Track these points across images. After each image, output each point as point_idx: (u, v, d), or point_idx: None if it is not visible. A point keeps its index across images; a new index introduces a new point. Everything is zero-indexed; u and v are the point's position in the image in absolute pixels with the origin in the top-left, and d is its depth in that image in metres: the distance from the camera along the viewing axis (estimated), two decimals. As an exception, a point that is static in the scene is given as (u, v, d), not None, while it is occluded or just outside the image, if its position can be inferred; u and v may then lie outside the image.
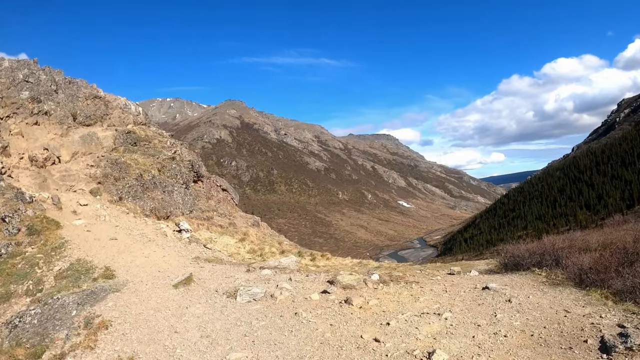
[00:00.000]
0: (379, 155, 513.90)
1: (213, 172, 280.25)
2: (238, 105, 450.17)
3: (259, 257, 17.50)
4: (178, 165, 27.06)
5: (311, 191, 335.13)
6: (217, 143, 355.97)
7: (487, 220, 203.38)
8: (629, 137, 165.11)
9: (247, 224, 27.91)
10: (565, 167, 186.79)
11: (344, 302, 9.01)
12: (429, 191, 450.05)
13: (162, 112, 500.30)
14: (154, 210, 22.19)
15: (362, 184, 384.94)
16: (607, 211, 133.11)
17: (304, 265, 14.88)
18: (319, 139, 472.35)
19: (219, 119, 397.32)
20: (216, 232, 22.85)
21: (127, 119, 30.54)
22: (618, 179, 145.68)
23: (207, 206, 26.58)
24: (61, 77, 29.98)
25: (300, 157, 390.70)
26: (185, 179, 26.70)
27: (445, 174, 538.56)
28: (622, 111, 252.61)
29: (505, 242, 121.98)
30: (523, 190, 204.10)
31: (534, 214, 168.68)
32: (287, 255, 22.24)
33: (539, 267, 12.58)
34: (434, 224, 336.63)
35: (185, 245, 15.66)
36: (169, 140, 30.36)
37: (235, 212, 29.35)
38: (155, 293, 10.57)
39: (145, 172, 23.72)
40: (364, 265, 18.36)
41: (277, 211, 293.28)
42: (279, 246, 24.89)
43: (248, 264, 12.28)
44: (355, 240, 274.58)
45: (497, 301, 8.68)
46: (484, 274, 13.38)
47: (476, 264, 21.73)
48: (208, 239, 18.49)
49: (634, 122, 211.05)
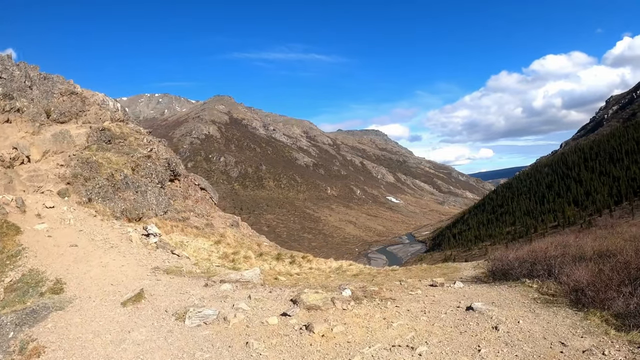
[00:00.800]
0: (368, 150, 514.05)
1: (201, 167, 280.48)
2: (227, 101, 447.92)
3: (230, 262, 16.39)
4: (154, 163, 25.83)
5: (300, 187, 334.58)
6: (205, 139, 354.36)
7: (476, 216, 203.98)
8: (617, 133, 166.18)
9: (225, 225, 26.75)
10: (554, 164, 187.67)
11: (304, 328, 7.86)
12: (417, 187, 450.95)
13: (150, 108, 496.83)
14: (125, 211, 20.97)
15: (351, 180, 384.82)
16: (595, 207, 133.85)
17: (272, 276, 13.74)
18: (307, 135, 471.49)
19: (207, 114, 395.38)
20: (191, 234, 21.70)
21: (104, 116, 29.29)
22: (606, 176, 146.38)
23: (184, 206, 25.40)
24: (36, 72, 28.66)
25: (289, 153, 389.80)
26: (161, 178, 25.49)
27: (434, 170, 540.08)
28: (610, 108, 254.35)
29: (494, 237, 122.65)
30: (511, 186, 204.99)
31: (522, 210, 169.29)
32: (265, 257, 21.14)
33: (529, 277, 11.57)
34: (423, 219, 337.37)
35: (150, 252, 14.48)
36: (146, 137, 29.07)
37: (213, 212, 28.17)
38: (101, 312, 9.42)
39: (117, 172, 22.47)
40: (342, 273, 17.26)
41: (266, 207, 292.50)
42: (258, 248, 23.76)
43: (208, 277, 11.10)
44: (344, 236, 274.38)
45: (482, 328, 7.57)
46: (470, 284, 12.31)
47: (463, 268, 20.69)
48: (179, 243, 17.33)
49: (622, 119, 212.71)
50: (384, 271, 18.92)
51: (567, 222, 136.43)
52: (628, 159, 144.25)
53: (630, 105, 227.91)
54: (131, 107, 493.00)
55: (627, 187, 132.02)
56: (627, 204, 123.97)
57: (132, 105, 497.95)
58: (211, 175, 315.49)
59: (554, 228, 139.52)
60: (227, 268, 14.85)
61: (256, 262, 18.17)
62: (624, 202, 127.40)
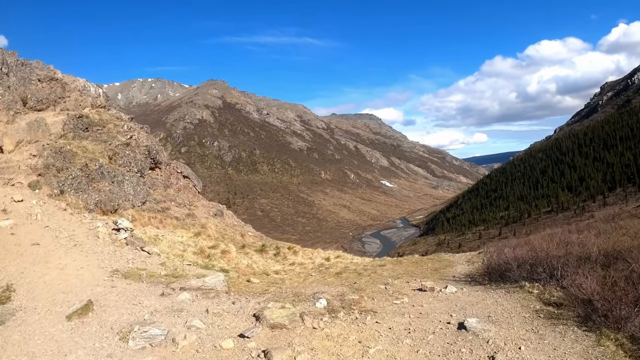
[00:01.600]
0: (362, 134, 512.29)
1: (195, 152, 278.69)
2: (220, 85, 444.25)
3: (205, 259, 15.21)
4: (133, 151, 24.50)
5: (294, 171, 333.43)
6: (198, 123, 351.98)
7: (470, 200, 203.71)
8: (612, 120, 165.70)
9: (208, 214, 25.53)
10: (548, 149, 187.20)
11: (262, 355, 6.65)
12: (411, 171, 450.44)
13: (143, 93, 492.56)
14: (100, 203, 19.73)
15: (345, 164, 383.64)
16: (589, 193, 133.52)
17: (245, 277, 12.57)
18: (301, 119, 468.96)
19: (200, 99, 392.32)
20: (170, 225, 20.50)
21: (85, 102, 27.88)
22: (600, 162, 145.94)
23: (165, 196, 24.17)
24: (14, 59, 27.12)
25: (283, 137, 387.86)
26: (141, 167, 24.21)
27: (428, 154, 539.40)
28: (605, 94, 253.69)
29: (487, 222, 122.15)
30: (505, 170, 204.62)
31: (516, 195, 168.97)
32: (247, 250, 19.97)
33: (529, 279, 10.50)
34: (417, 203, 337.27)
35: (117, 249, 13.28)
36: (127, 124, 27.68)
37: (197, 201, 26.94)
38: (42, 328, 8.25)
39: (92, 161, 21.16)
40: (325, 271, 16.05)
41: (260, 191, 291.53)
42: (241, 239, 22.61)
43: (168, 283, 9.88)
44: (338, 220, 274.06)
45: (475, 357, 6.44)
46: (464, 286, 11.19)
47: (456, 262, 19.58)
48: (152, 238, 16.13)
49: (616, 106, 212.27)
50: (371, 267, 17.78)
51: (561, 207, 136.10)
52: (622, 145, 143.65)
53: (625, 91, 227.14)
54: (124, 93, 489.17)
55: (621, 173, 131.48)
56: (620, 191, 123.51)
57: (124, 90, 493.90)
58: (205, 160, 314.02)
59: (547, 213, 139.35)
60: (199, 267, 13.69)
61: (236, 257, 17.02)
62: (617, 188, 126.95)
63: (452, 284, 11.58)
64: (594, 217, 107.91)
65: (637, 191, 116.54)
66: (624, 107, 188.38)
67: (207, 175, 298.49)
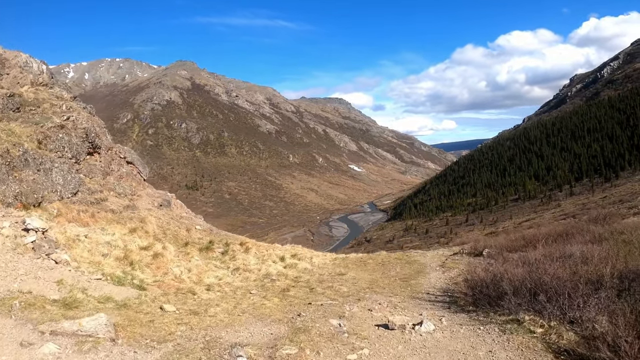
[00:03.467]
0: (331, 119, 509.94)
1: (162, 134, 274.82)
2: (189, 66, 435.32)
3: (128, 267, 12.53)
4: (68, 134, 21.44)
5: (262, 154, 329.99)
6: (167, 105, 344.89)
7: (437, 186, 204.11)
8: (580, 111, 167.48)
9: (152, 205, 22.74)
10: (516, 137, 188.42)
11: None
12: (380, 156, 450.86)
13: (111, 73, 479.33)
14: (20, 196, 16.79)
15: (314, 148, 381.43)
16: (556, 182, 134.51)
17: (159, 304, 9.94)
18: (270, 102, 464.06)
19: (169, 80, 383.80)
20: (102, 220, 17.67)
21: (24, 79, 24.71)
22: (567, 152, 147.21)
23: (102, 185, 21.28)
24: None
25: (252, 120, 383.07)
26: (76, 152, 21.20)
27: (397, 140, 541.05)
28: (574, 86, 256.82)
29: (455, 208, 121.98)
30: (473, 158, 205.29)
31: (484, 182, 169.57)
32: (188, 250, 17.25)
33: (527, 310, 8.28)
34: (385, 188, 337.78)
35: (14, 259, 10.55)
36: (66, 103, 24.50)
37: (140, 190, 24.08)
38: None
39: (15, 146, 18.12)
40: (268, 286, 13.38)
41: (227, 174, 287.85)
42: (186, 234, 19.88)
43: (45, 321, 7.23)
44: (305, 204, 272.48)
45: None
46: (443, 318, 8.84)
47: (428, 265, 17.32)
48: (72, 239, 13.38)
49: (585, 98, 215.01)
50: (328, 275, 15.34)
51: (528, 195, 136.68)
52: (589, 136, 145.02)
53: (594, 84, 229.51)
54: (91, 72, 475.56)
55: (588, 164, 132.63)
56: (587, 181, 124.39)
57: (92, 70, 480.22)
58: (172, 142, 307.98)
59: (514, 201, 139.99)
60: (112, 281, 11.08)
61: (170, 261, 14.33)
62: (584, 178, 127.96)
63: (427, 311, 9.26)
64: (560, 206, 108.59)
65: (603, 182, 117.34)
66: (593, 100, 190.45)
67: (174, 158, 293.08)
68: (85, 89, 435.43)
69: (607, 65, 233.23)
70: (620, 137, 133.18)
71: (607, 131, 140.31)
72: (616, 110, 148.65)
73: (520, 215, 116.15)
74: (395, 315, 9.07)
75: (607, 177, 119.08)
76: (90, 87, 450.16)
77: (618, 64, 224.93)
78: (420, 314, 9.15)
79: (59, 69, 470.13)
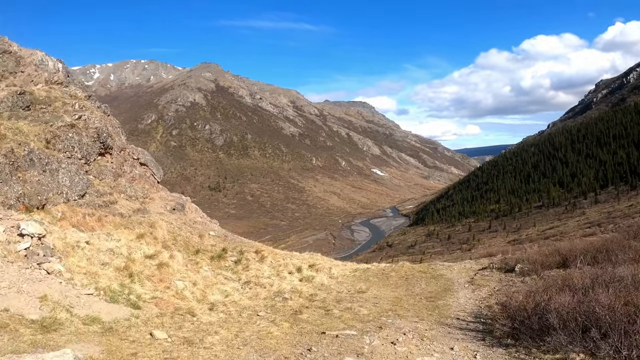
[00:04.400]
0: (355, 122, 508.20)
1: (186, 135, 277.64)
2: (213, 68, 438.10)
3: (127, 279, 11.41)
4: (78, 134, 20.64)
5: (285, 156, 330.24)
6: (191, 106, 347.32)
7: (460, 192, 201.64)
8: (606, 117, 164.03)
9: (165, 209, 21.79)
10: (540, 144, 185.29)
11: None
12: (403, 160, 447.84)
13: (136, 74, 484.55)
14: (23, 197, 15.99)
15: (337, 151, 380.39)
16: (581, 190, 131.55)
17: (147, 327, 8.82)
18: (294, 105, 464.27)
19: (193, 81, 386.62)
20: (109, 224, 16.73)
21: (39, 78, 24.08)
22: (593, 159, 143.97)
23: (113, 187, 20.41)
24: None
25: (275, 122, 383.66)
26: (86, 153, 20.37)
27: (420, 144, 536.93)
28: (599, 92, 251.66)
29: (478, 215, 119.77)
30: (497, 163, 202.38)
31: (507, 188, 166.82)
32: (198, 259, 16.19)
33: (579, 347, 7.04)
34: (407, 193, 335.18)
35: (3, 267, 9.68)
36: (79, 102, 23.76)
37: (153, 193, 23.16)
38: None
39: (21, 145, 17.37)
40: (279, 306, 12.16)
41: (250, 176, 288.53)
42: (198, 241, 18.81)
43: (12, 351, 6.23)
44: (327, 207, 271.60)
45: None
46: (477, 353, 7.69)
47: (455, 281, 16.03)
48: (71, 245, 12.42)
49: (610, 104, 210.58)
50: (347, 293, 14.08)
51: (552, 202, 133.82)
52: (615, 143, 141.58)
53: (619, 90, 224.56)
54: (117, 73, 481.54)
55: (614, 171, 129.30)
56: (612, 189, 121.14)
57: (117, 71, 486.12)
58: (196, 144, 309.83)
59: (538, 208, 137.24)
60: (105, 297, 10.05)
61: (177, 272, 13.21)
62: (609, 186, 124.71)
63: (459, 344, 8.06)
64: (585, 213, 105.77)
65: (629, 190, 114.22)
66: (618, 106, 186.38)
67: (198, 159, 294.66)
68: (110, 90, 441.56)
69: (634, 70, 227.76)
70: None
71: (634, 138, 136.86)
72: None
73: (544, 223, 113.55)
74: (422, 349, 7.86)
75: (632, 185, 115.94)
76: (116, 87, 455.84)
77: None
78: (452, 347, 7.96)
79: (85, 69, 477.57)
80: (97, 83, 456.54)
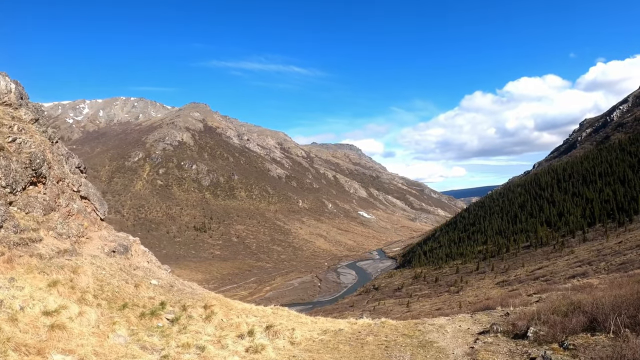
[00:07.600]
0: (341, 164, 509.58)
1: (173, 175, 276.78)
2: (202, 108, 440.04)
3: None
4: (6, 158, 18.69)
5: (271, 198, 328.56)
6: (178, 145, 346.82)
7: (447, 233, 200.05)
8: (591, 156, 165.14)
9: (102, 251, 19.56)
10: (527, 184, 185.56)
11: None
12: (389, 202, 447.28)
13: (125, 111, 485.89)
14: None
15: (323, 193, 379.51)
16: (568, 228, 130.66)
17: None
18: (281, 146, 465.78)
19: (182, 121, 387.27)
20: (22, 267, 14.00)
21: (-14, 99, 22.45)
22: (579, 197, 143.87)
23: (41, 222, 18.29)
24: None
25: (262, 164, 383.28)
26: (12, 180, 18.28)
27: (407, 186, 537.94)
28: (584, 130, 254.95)
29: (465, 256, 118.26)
30: (484, 204, 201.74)
31: (494, 229, 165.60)
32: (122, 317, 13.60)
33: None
34: (394, 235, 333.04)
35: None
36: (19, 124, 21.90)
37: (93, 231, 21.04)
38: None
39: None
40: None
41: (236, 217, 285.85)
42: (133, 291, 16.38)
43: None
44: (313, 249, 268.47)
45: None
46: None
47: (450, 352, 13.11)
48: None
49: (595, 142, 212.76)
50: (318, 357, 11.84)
51: (540, 242, 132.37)
52: (601, 181, 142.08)
53: (604, 128, 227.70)
54: (106, 110, 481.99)
55: (601, 209, 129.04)
56: (600, 226, 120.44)
57: (107, 107, 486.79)
58: (182, 183, 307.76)
59: (526, 248, 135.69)
60: None
61: (76, 335, 9.71)
62: (597, 224, 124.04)
63: None
64: (574, 252, 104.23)
65: (617, 227, 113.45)
66: (603, 144, 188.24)
67: (184, 199, 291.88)
68: (99, 126, 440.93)
69: (617, 108, 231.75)
70: (632, 180, 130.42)
71: (619, 175, 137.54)
72: (627, 153, 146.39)
73: (533, 263, 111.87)
74: None
75: (620, 221, 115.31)
76: (104, 124, 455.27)
77: (627, 107, 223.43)
78: None
79: (75, 104, 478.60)
80: (86, 118, 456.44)
